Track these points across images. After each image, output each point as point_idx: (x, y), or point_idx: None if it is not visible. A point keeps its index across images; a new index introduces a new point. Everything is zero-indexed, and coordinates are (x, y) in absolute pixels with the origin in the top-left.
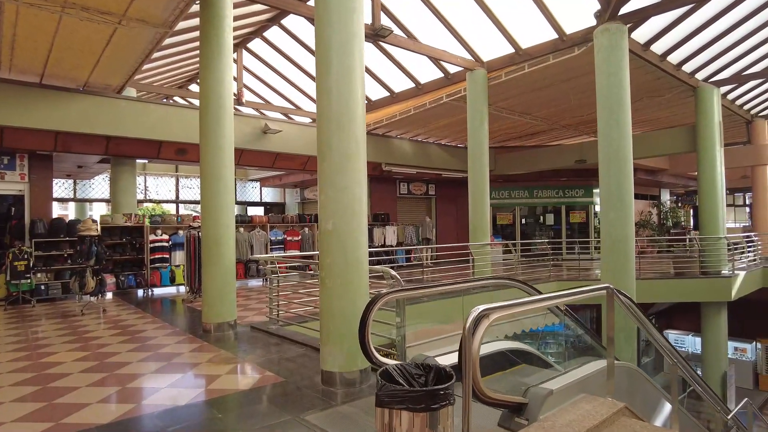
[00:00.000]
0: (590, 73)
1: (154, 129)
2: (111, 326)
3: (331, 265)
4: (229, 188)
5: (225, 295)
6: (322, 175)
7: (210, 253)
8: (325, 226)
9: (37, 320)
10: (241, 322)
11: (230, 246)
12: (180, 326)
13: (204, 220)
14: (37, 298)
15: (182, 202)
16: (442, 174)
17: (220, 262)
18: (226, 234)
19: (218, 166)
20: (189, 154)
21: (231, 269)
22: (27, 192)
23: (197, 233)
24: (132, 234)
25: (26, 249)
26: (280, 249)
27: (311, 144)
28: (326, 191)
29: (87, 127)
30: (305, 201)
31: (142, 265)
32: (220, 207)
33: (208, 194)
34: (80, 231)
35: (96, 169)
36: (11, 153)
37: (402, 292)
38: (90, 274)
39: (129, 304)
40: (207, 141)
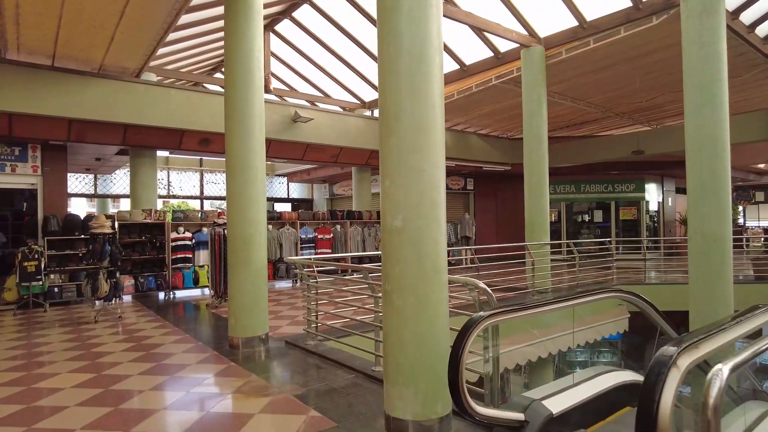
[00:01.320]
0: (666, 48)
1: (175, 116)
2: (124, 338)
3: (401, 276)
4: (259, 179)
5: (255, 304)
6: (387, 155)
7: (237, 254)
8: (391, 223)
9: (45, 328)
10: (273, 334)
11: (261, 246)
12: (203, 339)
13: (230, 216)
14: (50, 302)
15: (207, 198)
16: (482, 167)
17: (250, 265)
18: (256, 232)
19: (247, 152)
20: (213, 145)
21: (262, 274)
22: (40, 186)
23: (223, 231)
24: (152, 232)
25: (37, 248)
26: (310, 248)
27: (344, 134)
28: (393, 176)
29: (103, 114)
30: (334, 197)
31: (163, 266)
32: (249, 200)
33: (235, 186)
34: (92, 228)
35: (115, 162)
36: (23, 143)
37: (507, 314)
38: (103, 277)
39: (148, 309)
40: (234, 124)
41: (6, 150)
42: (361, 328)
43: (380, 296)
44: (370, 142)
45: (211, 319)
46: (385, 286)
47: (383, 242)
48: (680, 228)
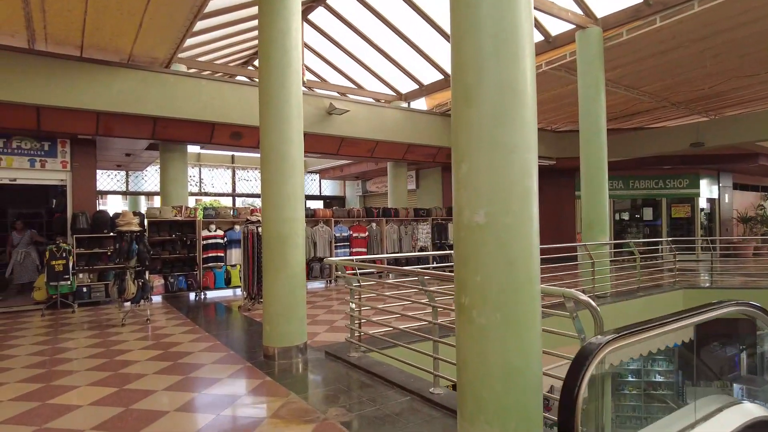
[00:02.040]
0: (741, 26)
1: (206, 109)
2: (151, 344)
3: (483, 287)
4: (297, 171)
5: (292, 311)
6: (464, 131)
7: (273, 255)
8: (470, 219)
9: (70, 331)
10: (311, 343)
11: (299, 246)
12: (235, 346)
13: (265, 214)
14: (79, 302)
15: (239, 195)
16: None
17: (287, 267)
18: (293, 230)
19: (283, 142)
20: (245, 139)
21: (300, 277)
22: (69, 181)
23: (256, 228)
24: (182, 229)
25: (65, 246)
26: (344, 247)
27: (380, 127)
28: (472, 157)
29: (131, 106)
30: (368, 194)
31: (194, 265)
32: (285, 196)
33: (271, 179)
34: (119, 226)
35: (146, 158)
36: (52, 138)
37: (632, 337)
38: (131, 277)
39: (178, 311)
40: (269, 110)
41: (35, 145)
42: (407, 338)
43: (439, 306)
44: (407, 136)
45: (243, 323)
46: (460, 298)
47: (457, 243)
48: (738, 227)
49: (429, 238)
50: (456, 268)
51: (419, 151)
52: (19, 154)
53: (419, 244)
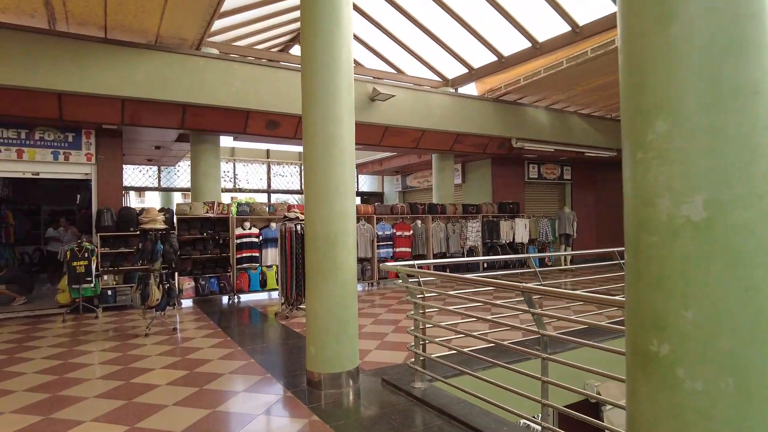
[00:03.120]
0: None
1: (239, 95)
2: (175, 362)
3: (701, 329)
4: (347, 155)
5: (343, 328)
6: (659, 65)
7: (318, 258)
8: (673, 212)
9: (89, 341)
10: (363, 364)
11: (350, 247)
12: (272, 367)
13: (309, 208)
14: (103, 306)
15: (275, 191)
16: (584, 153)
17: (336, 273)
18: (344, 228)
19: (331, 120)
20: (282, 128)
21: (352, 286)
22: (94, 175)
23: (295, 226)
24: (215, 227)
25: (87, 245)
26: (387, 246)
27: (427, 114)
28: (679, 108)
29: (159, 92)
30: (407, 189)
31: (227, 266)
32: (334, 185)
33: (315, 166)
34: (141, 223)
35: (177, 152)
36: (76, 129)
37: None
38: (155, 282)
39: (208, 318)
40: (314, 80)
41: (59, 136)
42: (478, 364)
43: (548, 334)
44: (456, 124)
45: (281, 334)
46: (646, 342)
47: (643, 251)
48: None
49: (479, 238)
50: (635, 289)
51: (469, 141)
52: (42, 146)
53: (468, 244)
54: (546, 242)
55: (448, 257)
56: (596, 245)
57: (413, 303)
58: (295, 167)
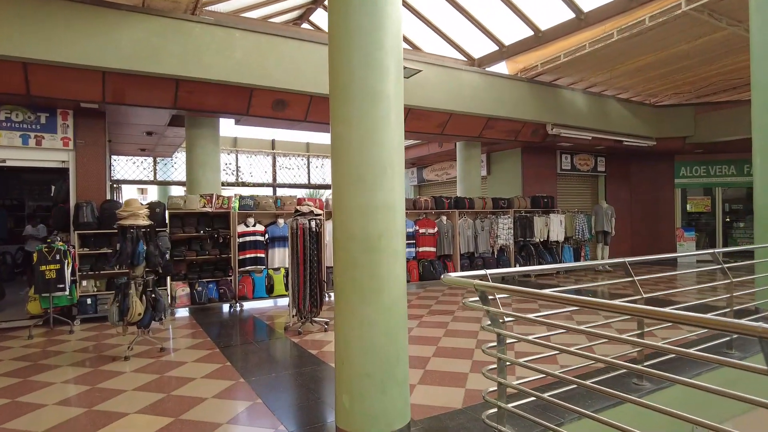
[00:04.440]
0: None
1: (241, 68)
2: (156, 402)
3: None
4: (394, 121)
5: (390, 373)
6: None
7: (353, 271)
8: None
9: (50, 367)
10: (415, 411)
11: (399, 255)
12: (285, 413)
13: (339, 198)
14: (82, 317)
15: (280, 185)
16: (623, 142)
17: (380, 294)
18: (390, 227)
19: (374, 69)
20: (291, 109)
21: (401, 308)
22: (72, 163)
23: (308, 222)
24: (213, 224)
25: (59, 245)
26: (410, 245)
27: (456, 95)
28: None
29: (147, 63)
30: (424, 183)
31: (228, 269)
32: (378, 165)
33: (349, 134)
34: (119, 219)
35: (172, 139)
36: (49, 107)
37: None
38: (136, 291)
39: (205, 333)
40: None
41: (29, 117)
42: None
43: None
44: (487, 107)
45: (294, 356)
46: None
47: None
48: None
49: (511, 235)
50: None
51: (500, 127)
52: (8, 129)
53: (499, 243)
54: (582, 240)
55: (477, 258)
56: (630, 243)
57: (495, 334)
58: (303, 159)
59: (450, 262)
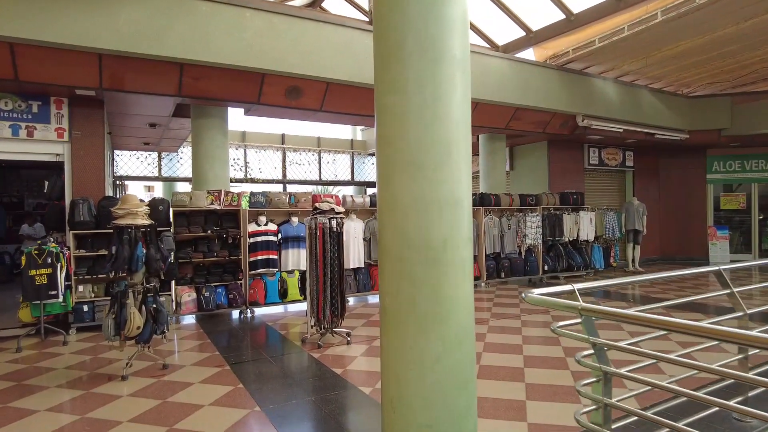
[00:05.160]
0: None
1: (252, 52)
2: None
3: None
4: (460, 87)
5: (458, 425)
6: None
7: (406, 292)
8: None
9: (35, 389)
10: None
11: (467, 269)
12: None
13: (386, 189)
14: (78, 326)
15: (290, 182)
16: (655, 134)
17: (444, 323)
18: (456, 232)
19: (435, 18)
20: (306, 97)
21: (469, 343)
22: (67, 157)
23: (329, 221)
24: (222, 222)
25: (51, 248)
26: None
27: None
28: None
29: (147, 45)
30: None
31: (238, 272)
32: (443, 144)
33: (405, 103)
34: (115, 218)
35: (178, 131)
36: (41, 95)
37: None
38: (134, 302)
39: (213, 346)
40: None
41: (19, 105)
42: None
43: None
44: (515, 96)
45: (316, 376)
46: None
47: None
48: None
49: (539, 235)
50: None
51: (528, 118)
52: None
53: (527, 243)
54: (612, 239)
55: (503, 259)
56: (659, 242)
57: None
58: (313, 154)
59: (475, 264)
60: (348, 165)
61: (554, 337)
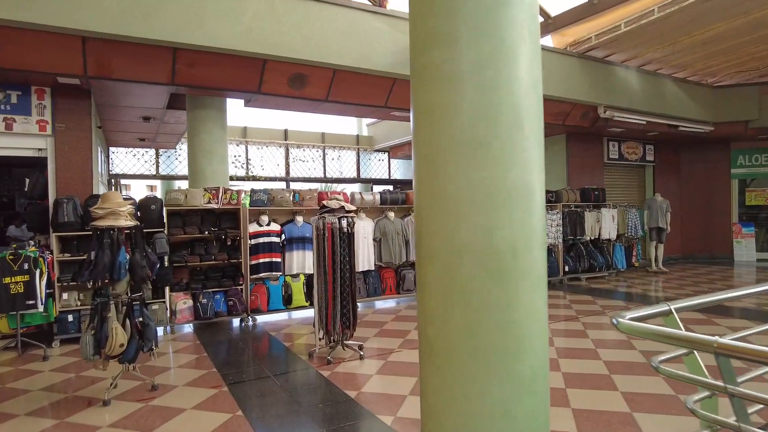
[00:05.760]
0: None
1: (251, 35)
2: None
3: None
4: (527, 44)
5: None
6: None
7: (470, 309)
8: None
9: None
10: None
11: (542, 278)
12: None
13: (434, 170)
14: (62, 338)
15: (294, 179)
16: (678, 127)
17: (520, 355)
18: (529, 234)
19: None
20: (310, 86)
21: (545, 382)
22: (51, 152)
23: (338, 221)
24: (220, 223)
25: (29, 252)
26: None
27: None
28: None
29: (136, 27)
30: None
31: (238, 276)
32: (511, 108)
33: (459, 67)
34: (95, 219)
35: (174, 126)
36: (20, 83)
37: None
38: (116, 315)
39: (209, 362)
40: None
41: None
42: None
43: None
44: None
45: (327, 401)
46: None
47: None
48: None
49: (560, 233)
50: None
51: (547, 109)
52: None
53: (548, 242)
54: (634, 238)
55: None
56: (681, 240)
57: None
58: (318, 151)
59: None
60: (353, 162)
61: (621, 336)
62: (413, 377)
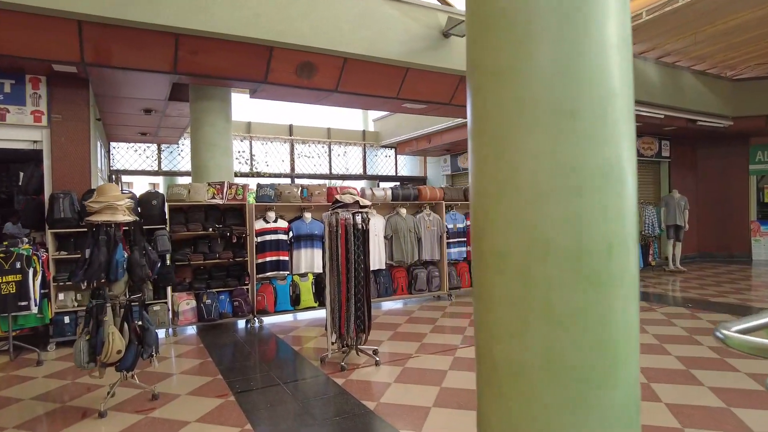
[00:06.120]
0: None
1: (258, 22)
2: None
3: None
4: (614, 25)
5: None
6: None
7: (551, 322)
8: None
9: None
10: None
11: (634, 284)
12: None
13: (501, 147)
14: (58, 340)
15: (299, 176)
16: (697, 122)
17: (613, 379)
18: (625, 218)
19: None
20: (320, 75)
21: (635, 405)
22: (46, 144)
23: (352, 217)
24: (225, 219)
25: (22, 250)
26: (459, 244)
27: None
28: None
29: (136, 10)
30: (458, 172)
31: (244, 276)
32: (602, 72)
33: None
34: (90, 214)
35: (176, 119)
36: (14, 72)
37: None
38: (114, 319)
39: (215, 367)
40: None
41: None
42: None
43: None
44: None
45: (341, 412)
46: None
47: None
48: None
49: None
50: None
51: None
52: None
53: None
54: (651, 236)
55: None
56: (697, 238)
57: None
58: (323, 146)
59: None
60: (360, 158)
61: None
62: (435, 386)
